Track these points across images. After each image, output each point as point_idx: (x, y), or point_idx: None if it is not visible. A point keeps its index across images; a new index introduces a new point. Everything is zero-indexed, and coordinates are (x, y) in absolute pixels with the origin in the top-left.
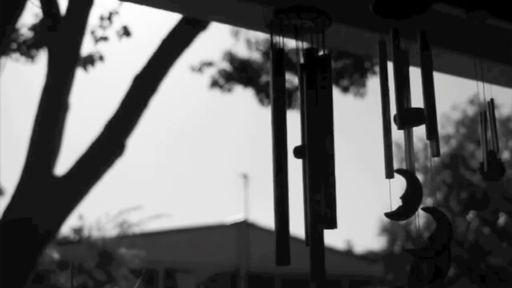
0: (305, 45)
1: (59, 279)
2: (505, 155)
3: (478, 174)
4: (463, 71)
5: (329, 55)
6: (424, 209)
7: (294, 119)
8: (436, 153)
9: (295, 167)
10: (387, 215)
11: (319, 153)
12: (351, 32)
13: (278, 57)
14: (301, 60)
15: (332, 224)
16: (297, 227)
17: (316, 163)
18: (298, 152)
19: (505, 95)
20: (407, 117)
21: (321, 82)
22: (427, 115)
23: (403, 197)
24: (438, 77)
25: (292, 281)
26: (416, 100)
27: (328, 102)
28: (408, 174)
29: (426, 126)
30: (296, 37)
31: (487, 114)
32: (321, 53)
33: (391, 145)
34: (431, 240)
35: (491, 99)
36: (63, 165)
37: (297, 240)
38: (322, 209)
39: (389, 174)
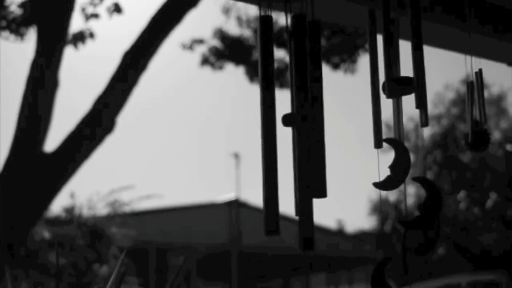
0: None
1: (49, 257)
2: (496, 136)
3: (468, 153)
4: (453, 44)
5: (318, 21)
6: (413, 179)
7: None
8: (425, 123)
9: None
10: (376, 184)
11: (308, 120)
12: (341, 2)
13: (266, 24)
14: (290, 28)
15: (322, 193)
16: (287, 204)
17: (306, 130)
18: (287, 119)
19: (496, 74)
20: (396, 86)
21: (309, 49)
22: (416, 83)
23: (391, 167)
24: (432, 57)
25: (284, 260)
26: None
27: (318, 69)
28: (396, 143)
29: (415, 95)
30: (285, 5)
31: (474, 84)
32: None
33: (379, 114)
34: (422, 211)
35: (480, 70)
36: (52, 142)
37: (288, 218)
38: (312, 177)
39: (378, 143)
